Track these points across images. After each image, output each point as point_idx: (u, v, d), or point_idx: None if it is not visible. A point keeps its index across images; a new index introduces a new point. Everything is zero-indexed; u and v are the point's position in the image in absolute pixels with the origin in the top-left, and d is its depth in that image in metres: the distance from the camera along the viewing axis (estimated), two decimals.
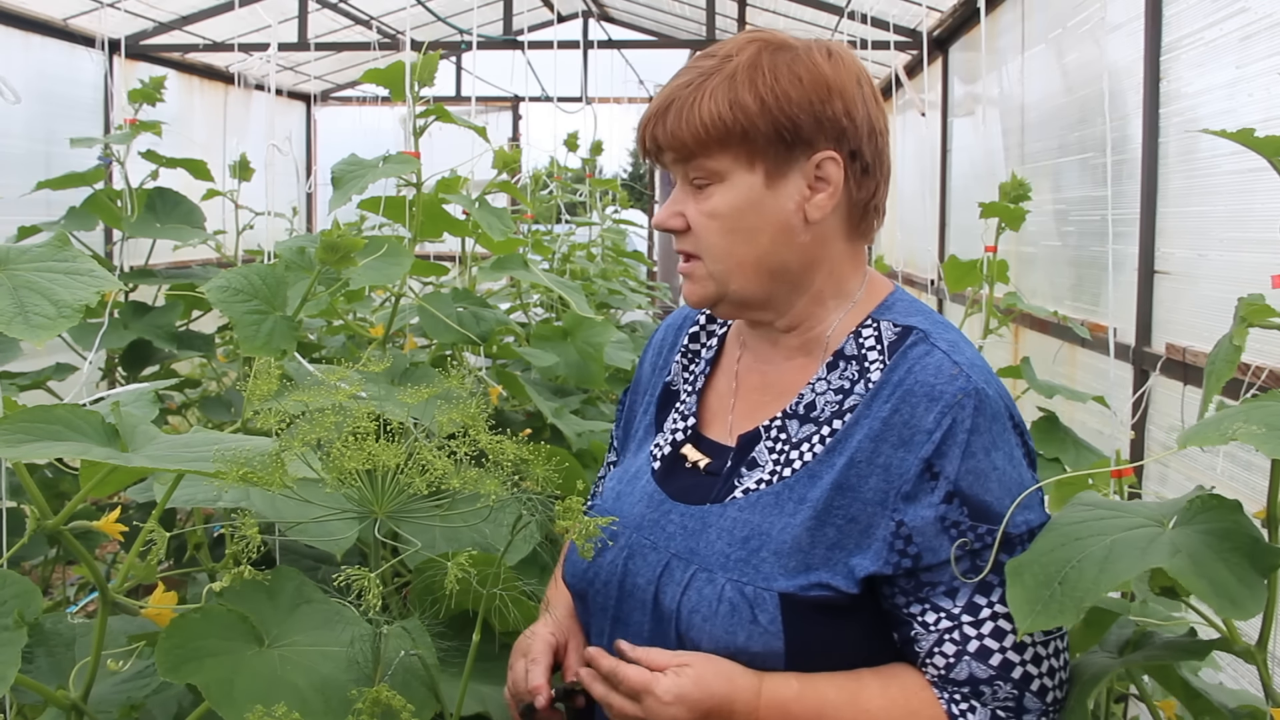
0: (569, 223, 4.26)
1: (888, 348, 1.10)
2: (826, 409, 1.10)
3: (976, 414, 1.02)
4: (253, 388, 1.11)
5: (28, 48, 4.54)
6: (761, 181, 1.09)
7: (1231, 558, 0.89)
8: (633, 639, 1.11)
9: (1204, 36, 2.31)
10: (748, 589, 1.05)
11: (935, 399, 1.03)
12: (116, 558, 2.62)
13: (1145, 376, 2.48)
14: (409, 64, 2.04)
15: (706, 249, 1.12)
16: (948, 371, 1.05)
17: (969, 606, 1.01)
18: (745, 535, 1.08)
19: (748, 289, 1.13)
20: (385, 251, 1.88)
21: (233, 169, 3.45)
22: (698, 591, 1.07)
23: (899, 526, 1.02)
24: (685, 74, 1.13)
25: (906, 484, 1.02)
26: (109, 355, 2.76)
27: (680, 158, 1.12)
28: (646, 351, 1.37)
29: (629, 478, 1.24)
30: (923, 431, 1.02)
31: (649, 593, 1.12)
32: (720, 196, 1.10)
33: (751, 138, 1.08)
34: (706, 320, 1.31)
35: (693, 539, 1.11)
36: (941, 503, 1.01)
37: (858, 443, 1.06)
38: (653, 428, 1.27)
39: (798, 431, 1.11)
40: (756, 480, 1.11)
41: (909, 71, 5.53)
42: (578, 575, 1.21)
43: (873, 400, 1.07)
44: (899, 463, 1.03)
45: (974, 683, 1.01)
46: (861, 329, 1.13)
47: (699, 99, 1.09)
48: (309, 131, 7.55)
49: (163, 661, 0.95)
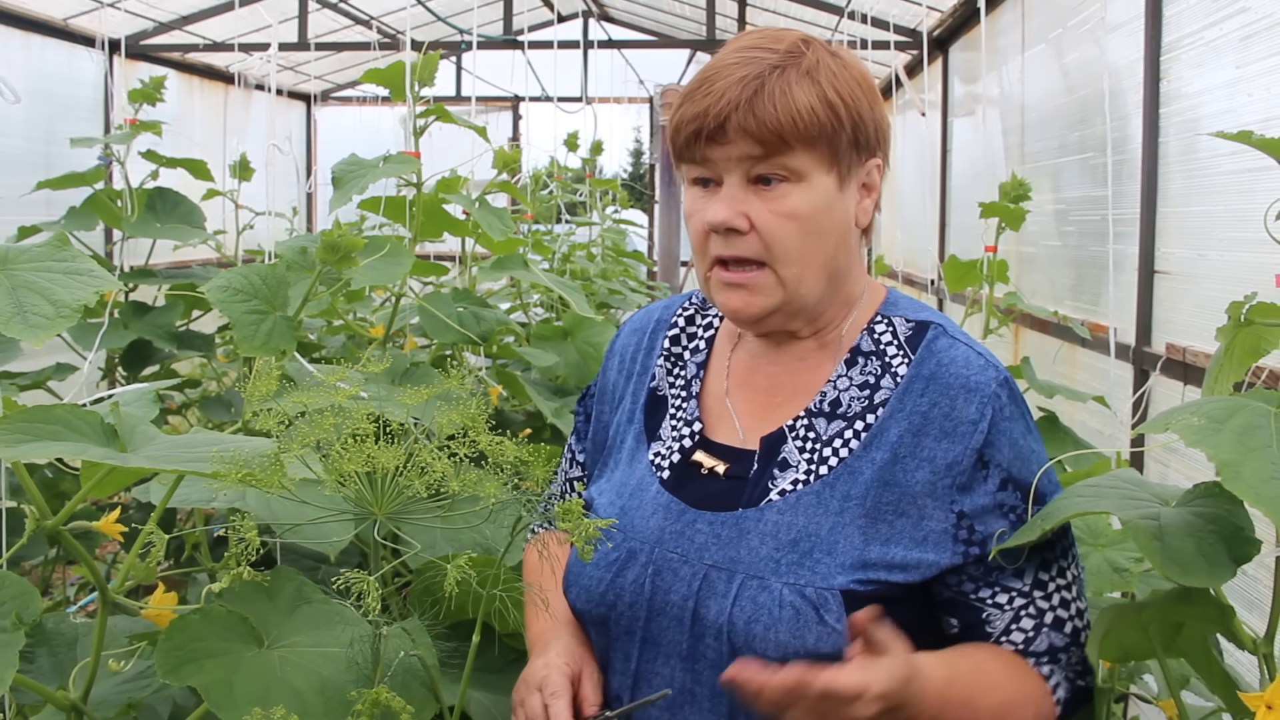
0: (569, 223, 4.26)
1: (906, 342, 1.12)
2: (854, 405, 1.11)
3: (1011, 401, 1.07)
4: (252, 388, 1.11)
5: (28, 48, 4.54)
6: (835, 184, 1.08)
7: (1206, 537, 0.93)
8: (666, 658, 1.08)
9: (1204, 36, 2.31)
10: (808, 591, 1.02)
11: (973, 390, 1.06)
12: (116, 558, 2.62)
13: (1145, 376, 2.48)
14: (409, 64, 2.04)
15: (781, 253, 1.06)
16: (977, 363, 1.08)
17: (1036, 583, 1.06)
18: (793, 538, 1.06)
19: (813, 294, 1.10)
20: (386, 251, 1.88)
21: (233, 169, 3.45)
22: (752, 600, 1.04)
23: (960, 518, 1.04)
24: (744, 65, 1.05)
25: (961, 475, 1.04)
26: (109, 355, 2.77)
27: (759, 153, 1.04)
28: (610, 359, 1.31)
29: (630, 490, 1.17)
30: (967, 422, 1.05)
31: (686, 608, 1.07)
32: (800, 196, 1.06)
33: (836, 139, 1.06)
34: (685, 322, 1.27)
35: (730, 547, 1.07)
36: (998, 490, 1.05)
37: (898, 436, 1.07)
38: (643, 436, 1.21)
39: (827, 429, 1.10)
40: (792, 481, 1.09)
41: (909, 71, 5.53)
42: (594, 599, 1.13)
43: (905, 394, 1.08)
44: (944, 453, 1.05)
45: (1053, 651, 1.07)
46: (874, 326, 1.15)
47: (788, 90, 1.03)
48: (309, 131, 7.54)
49: (162, 663, 0.95)
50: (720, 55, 1.10)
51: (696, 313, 1.27)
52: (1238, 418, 0.90)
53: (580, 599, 1.14)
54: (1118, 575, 1.42)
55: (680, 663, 1.07)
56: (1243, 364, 1.05)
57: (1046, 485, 1.07)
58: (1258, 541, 0.92)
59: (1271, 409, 0.91)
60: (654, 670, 1.09)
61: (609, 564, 1.12)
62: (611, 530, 1.13)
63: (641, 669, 1.09)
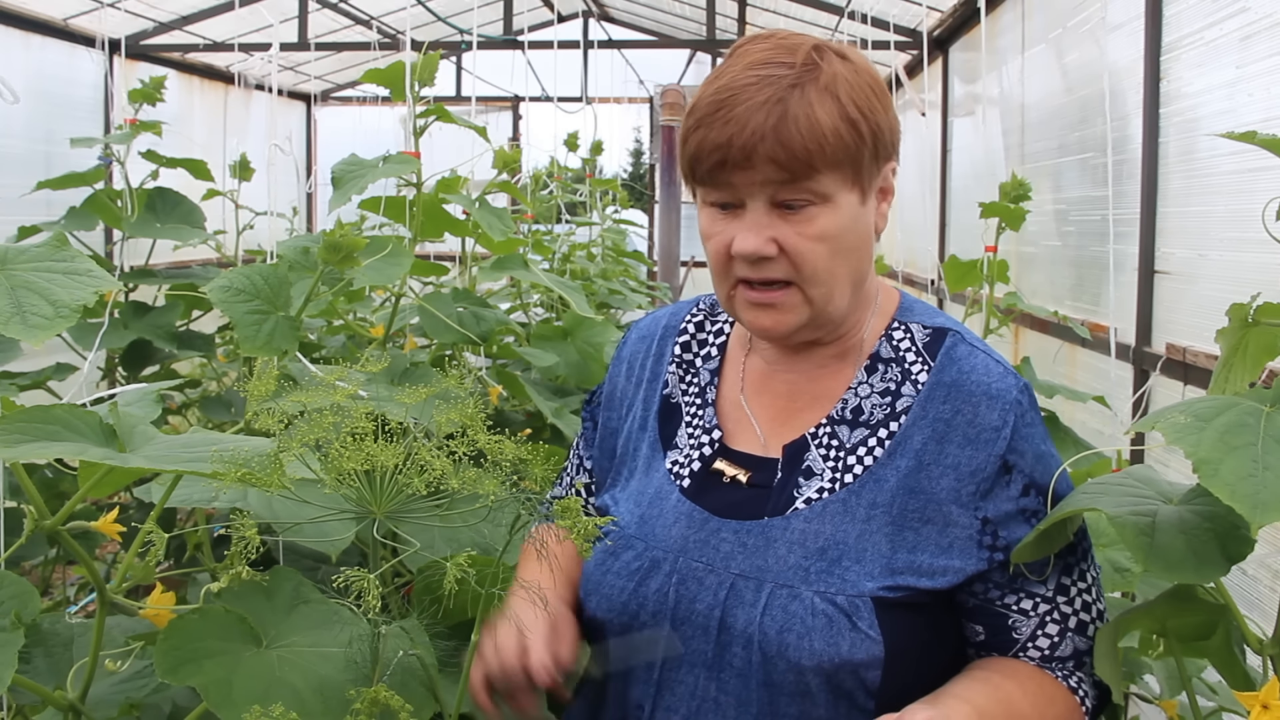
0: (569, 223, 4.25)
1: (924, 349, 1.12)
2: (876, 412, 1.11)
3: (1031, 408, 1.09)
4: (252, 388, 1.10)
5: (28, 48, 4.54)
6: (859, 199, 1.07)
7: (1199, 534, 0.93)
8: (691, 667, 1.07)
9: (1204, 36, 2.31)
10: (839, 599, 1.03)
11: (994, 398, 1.07)
12: (116, 558, 2.62)
13: (1145, 376, 2.48)
14: (409, 64, 2.03)
15: (811, 274, 1.05)
16: (997, 371, 1.09)
17: (1060, 588, 1.07)
18: (821, 546, 1.06)
19: (840, 307, 1.10)
20: (386, 251, 1.88)
21: (233, 169, 3.44)
22: (783, 609, 1.04)
23: (984, 524, 1.05)
24: (762, 85, 1.02)
25: (985, 481, 1.05)
26: (109, 355, 2.76)
27: (784, 178, 1.02)
28: (618, 364, 1.30)
29: (649, 499, 1.16)
30: (990, 429, 1.06)
31: (713, 618, 1.07)
32: (827, 218, 1.04)
33: (859, 157, 1.04)
34: (695, 329, 1.26)
35: (756, 556, 1.07)
36: (1021, 496, 1.06)
37: (921, 443, 1.07)
38: (659, 444, 1.20)
39: (850, 436, 1.11)
40: (817, 489, 1.09)
41: (909, 71, 5.53)
42: (615, 608, 1.12)
43: (928, 401, 1.09)
44: (968, 460, 1.05)
45: (1078, 655, 1.08)
46: (891, 332, 1.14)
47: (812, 113, 1.01)
48: (309, 131, 7.55)
49: (161, 662, 0.95)
50: (733, 71, 1.05)
51: (706, 318, 1.26)
52: (1225, 416, 0.89)
53: (601, 608, 1.13)
54: (1119, 575, 1.41)
55: (705, 671, 1.07)
56: (1258, 363, 1.04)
57: (1064, 488, 1.07)
58: (1253, 541, 0.91)
59: (1264, 408, 0.90)
60: (678, 679, 1.08)
61: (631, 573, 1.12)
62: (633, 540, 1.13)
63: (665, 677, 1.09)
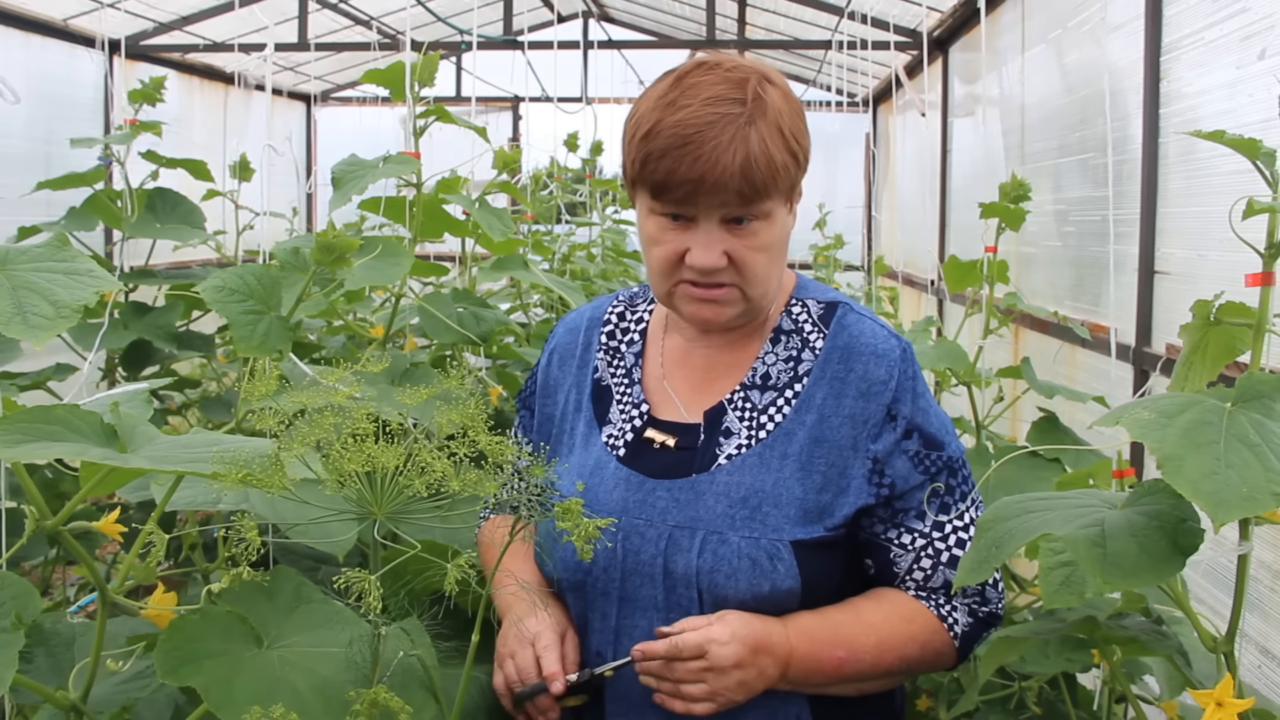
0: (569, 223, 4.26)
1: (819, 320, 1.32)
2: (782, 376, 1.29)
3: (911, 364, 1.28)
4: (249, 388, 1.10)
5: (28, 48, 4.54)
6: (787, 210, 1.26)
7: (1150, 533, 0.92)
8: (644, 612, 1.22)
9: (1204, 37, 2.31)
10: (762, 542, 1.20)
11: (881, 356, 1.26)
12: (116, 558, 2.62)
13: (1145, 377, 2.48)
14: (409, 64, 2.03)
15: (752, 278, 1.23)
16: (882, 334, 1.29)
17: (936, 525, 1.25)
18: (743, 495, 1.22)
19: (767, 300, 1.28)
20: (385, 252, 1.88)
21: (233, 169, 3.44)
22: (713, 553, 1.20)
23: (874, 463, 1.23)
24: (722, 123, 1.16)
25: (875, 427, 1.24)
26: (109, 355, 2.76)
27: (738, 202, 1.18)
28: (548, 357, 1.45)
29: (590, 469, 1.31)
30: (879, 383, 1.25)
31: (656, 565, 1.22)
32: (767, 232, 1.22)
33: (795, 180, 1.24)
34: (618, 319, 1.43)
35: (689, 508, 1.23)
36: (903, 438, 1.24)
37: (822, 399, 1.26)
38: (594, 421, 1.36)
39: (761, 399, 1.29)
40: (736, 446, 1.26)
41: (909, 71, 5.53)
42: (570, 567, 1.26)
43: (825, 364, 1.28)
44: (861, 410, 1.24)
45: (948, 586, 1.25)
46: (790, 308, 1.34)
47: (767, 150, 1.17)
48: (309, 132, 7.54)
49: (162, 663, 0.95)
50: (691, 107, 1.18)
51: (626, 309, 1.44)
52: (1189, 413, 0.90)
53: (557, 569, 1.28)
54: None
55: (657, 614, 1.21)
56: (1217, 363, 1.04)
57: (944, 434, 1.27)
58: (1202, 530, 0.91)
59: (1226, 406, 0.91)
60: (633, 624, 1.23)
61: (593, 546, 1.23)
62: None
63: (621, 624, 1.23)
